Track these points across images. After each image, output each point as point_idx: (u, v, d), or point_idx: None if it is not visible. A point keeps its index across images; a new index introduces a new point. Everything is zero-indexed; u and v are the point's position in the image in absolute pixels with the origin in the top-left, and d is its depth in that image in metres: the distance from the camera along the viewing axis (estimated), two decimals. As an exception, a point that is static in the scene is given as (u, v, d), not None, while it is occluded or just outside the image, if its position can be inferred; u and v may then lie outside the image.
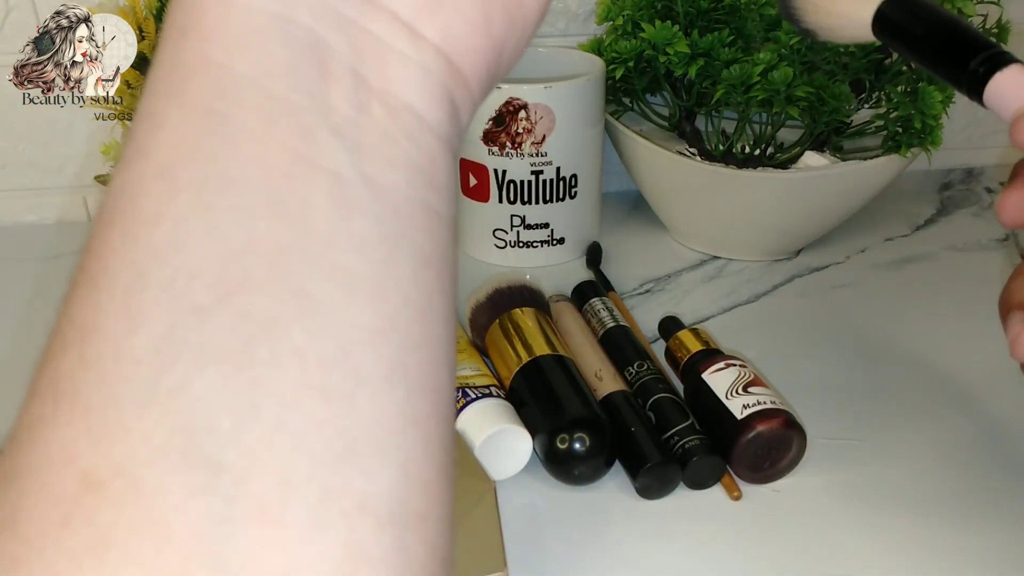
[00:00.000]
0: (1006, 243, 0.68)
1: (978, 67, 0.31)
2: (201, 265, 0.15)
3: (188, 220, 0.15)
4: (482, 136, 0.60)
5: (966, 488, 0.43)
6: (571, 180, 0.62)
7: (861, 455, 0.45)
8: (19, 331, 0.59)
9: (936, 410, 0.49)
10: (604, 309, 0.53)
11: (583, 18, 0.71)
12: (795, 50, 0.57)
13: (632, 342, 0.50)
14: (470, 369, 0.47)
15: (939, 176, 0.80)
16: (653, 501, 0.42)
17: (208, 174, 0.15)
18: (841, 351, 0.54)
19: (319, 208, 0.16)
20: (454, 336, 0.19)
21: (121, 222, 0.16)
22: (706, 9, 0.60)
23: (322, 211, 0.16)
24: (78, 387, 0.15)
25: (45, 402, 0.15)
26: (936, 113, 0.56)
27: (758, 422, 0.41)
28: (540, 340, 0.47)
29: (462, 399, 0.44)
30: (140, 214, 0.16)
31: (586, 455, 0.42)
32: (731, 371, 0.45)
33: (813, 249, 0.66)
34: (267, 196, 0.15)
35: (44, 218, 0.74)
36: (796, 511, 0.41)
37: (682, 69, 0.59)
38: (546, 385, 0.45)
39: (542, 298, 0.53)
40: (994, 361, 0.53)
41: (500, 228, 0.63)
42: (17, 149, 0.71)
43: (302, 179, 0.16)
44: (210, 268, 0.15)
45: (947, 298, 0.60)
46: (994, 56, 0.31)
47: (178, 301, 0.15)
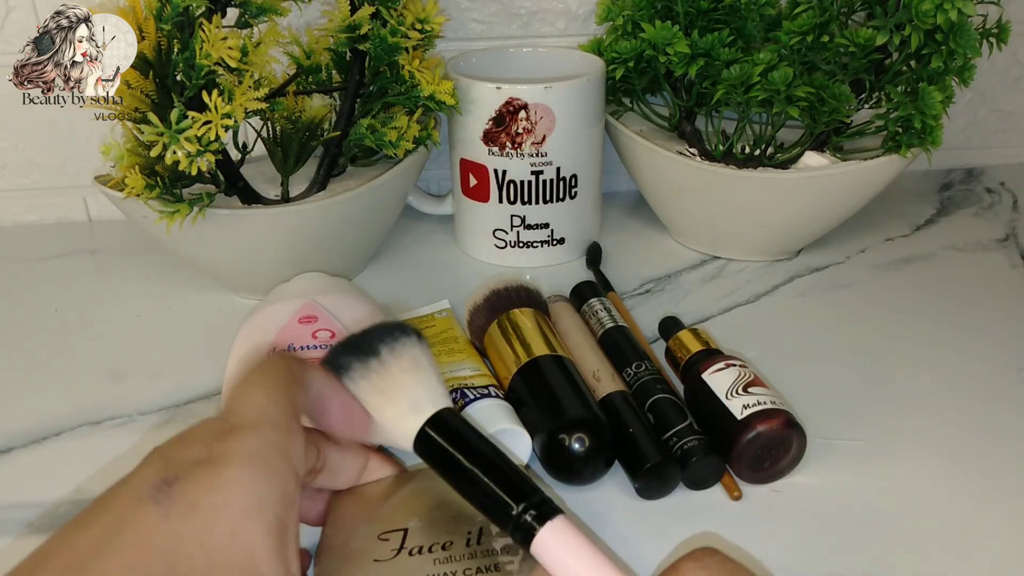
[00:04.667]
0: (1006, 243, 0.68)
1: (523, 514, 0.31)
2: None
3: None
4: (482, 136, 0.60)
5: (966, 488, 0.43)
6: (571, 180, 0.62)
7: (861, 455, 0.45)
8: (19, 331, 0.59)
9: (936, 410, 0.49)
10: (603, 310, 0.53)
11: (583, 18, 0.71)
12: (795, 50, 0.57)
13: (631, 343, 0.50)
14: (469, 369, 0.47)
15: (939, 176, 0.80)
16: (653, 501, 0.42)
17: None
18: (841, 351, 0.54)
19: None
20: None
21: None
22: (706, 9, 0.60)
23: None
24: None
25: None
26: (936, 113, 0.56)
27: (758, 422, 0.41)
28: (539, 340, 0.47)
29: (461, 400, 0.44)
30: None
31: (585, 455, 0.42)
32: (731, 371, 0.45)
33: (813, 249, 0.66)
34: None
35: (44, 218, 0.74)
36: (796, 511, 0.41)
37: (682, 69, 0.59)
38: (545, 385, 0.45)
39: (540, 298, 0.53)
40: (994, 361, 0.53)
41: (500, 228, 0.63)
42: (17, 149, 0.71)
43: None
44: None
45: (947, 298, 0.60)
46: (539, 504, 0.31)
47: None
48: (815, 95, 0.56)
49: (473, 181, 0.62)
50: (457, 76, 0.60)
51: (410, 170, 0.61)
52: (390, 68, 0.57)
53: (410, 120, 0.58)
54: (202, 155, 0.48)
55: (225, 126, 0.48)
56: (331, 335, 0.47)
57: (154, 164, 0.52)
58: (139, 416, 0.49)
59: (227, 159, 0.54)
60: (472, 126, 0.60)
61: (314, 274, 0.55)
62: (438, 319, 0.54)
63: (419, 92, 0.57)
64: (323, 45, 0.59)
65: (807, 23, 0.56)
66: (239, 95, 0.49)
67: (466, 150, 0.62)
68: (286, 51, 0.60)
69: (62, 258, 0.69)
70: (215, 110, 0.48)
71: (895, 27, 0.54)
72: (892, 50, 0.56)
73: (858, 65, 0.56)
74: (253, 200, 0.56)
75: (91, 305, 0.62)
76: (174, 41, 0.49)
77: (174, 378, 0.52)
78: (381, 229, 0.64)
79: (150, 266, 0.65)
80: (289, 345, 0.46)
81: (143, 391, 0.51)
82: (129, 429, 0.48)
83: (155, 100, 0.49)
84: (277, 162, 0.58)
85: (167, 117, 0.48)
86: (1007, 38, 0.58)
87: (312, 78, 0.60)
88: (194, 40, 0.48)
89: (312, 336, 0.47)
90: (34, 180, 0.72)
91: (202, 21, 0.49)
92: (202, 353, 0.55)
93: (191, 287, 0.62)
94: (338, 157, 0.59)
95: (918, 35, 0.54)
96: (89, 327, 0.59)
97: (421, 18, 0.56)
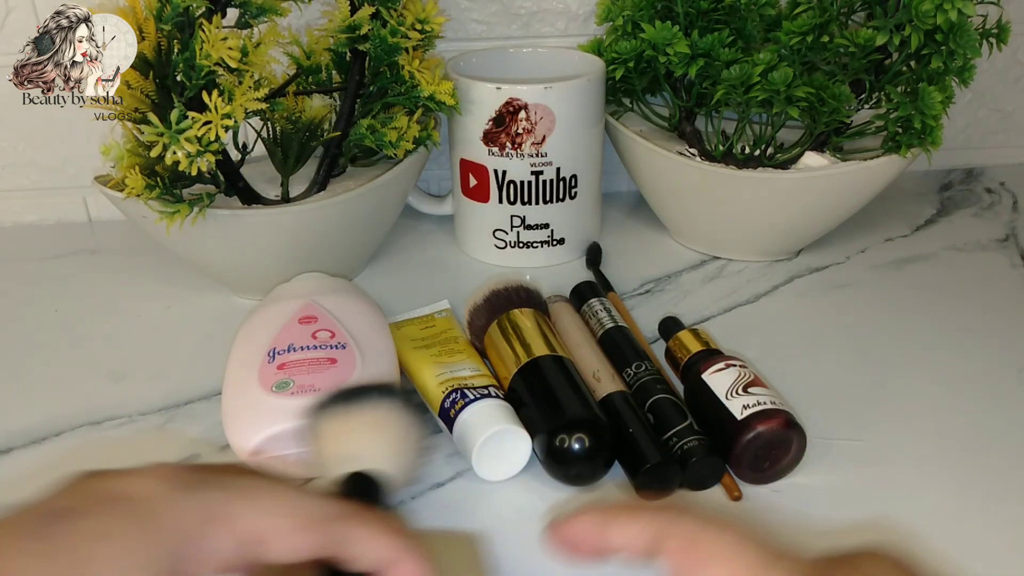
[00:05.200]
0: (1006, 243, 0.68)
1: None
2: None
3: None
4: (482, 136, 0.60)
5: (966, 488, 0.43)
6: (571, 180, 0.62)
7: (861, 455, 0.45)
8: (19, 331, 0.59)
9: (936, 410, 0.49)
10: (603, 310, 0.53)
11: (583, 18, 0.71)
12: (795, 50, 0.57)
13: (631, 343, 0.50)
14: (469, 370, 0.47)
15: (939, 176, 0.80)
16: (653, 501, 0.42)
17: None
18: (841, 351, 0.54)
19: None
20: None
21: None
22: (706, 9, 0.60)
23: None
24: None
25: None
26: (936, 113, 0.56)
27: (758, 422, 0.41)
28: (539, 341, 0.47)
29: (461, 400, 0.44)
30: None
31: (585, 455, 0.42)
32: (731, 371, 0.45)
33: (813, 249, 0.66)
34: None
35: (44, 218, 0.74)
36: (796, 511, 0.41)
37: (682, 69, 0.59)
38: (545, 385, 0.45)
39: (540, 299, 0.53)
40: (994, 361, 0.53)
41: (500, 228, 0.63)
42: (17, 149, 0.71)
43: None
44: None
45: (947, 298, 0.60)
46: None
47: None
48: (815, 95, 0.56)
49: (473, 181, 0.62)
50: (457, 76, 0.60)
51: (410, 170, 0.61)
52: (390, 68, 0.57)
53: (410, 120, 0.58)
54: (202, 155, 0.48)
55: (225, 126, 0.48)
56: (331, 335, 0.47)
57: (154, 164, 0.52)
58: (139, 416, 0.49)
59: (227, 159, 0.54)
60: (472, 126, 0.60)
61: (314, 274, 0.55)
62: (438, 319, 0.54)
63: (419, 92, 0.57)
64: (323, 45, 0.59)
65: (807, 23, 0.56)
66: (239, 95, 0.49)
67: (466, 150, 0.62)
68: (286, 51, 0.60)
69: (62, 258, 0.69)
70: (215, 110, 0.48)
71: (895, 27, 0.54)
72: (892, 50, 0.56)
73: (858, 65, 0.56)
74: (253, 200, 0.56)
75: (91, 305, 0.62)
76: (174, 41, 0.49)
77: (174, 378, 0.52)
78: (381, 229, 0.64)
79: (150, 266, 0.65)
80: (289, 345, 0.46)
81: (143, 391, 0.51)
82: (129, 429, 0.48)
83: (155, 100, 0.49)
84: (277, 162, 0.58)
85: (167, 117, 0.48)
86: (1007, 38, 0.58)
87: (312, 78, 0.60)
88: (194, 40, 0.48)
89: (312, 336, 0.47)
90: (34, 180, 0.72)
91: (202, 21, 0.49)
92: (202, 353, 0.55)
93: (191, 287, 0.62)
94: (338, 157, 0.59)
95: (918, 35, 0.54)
96: (89, 327, 0.59)
97: (421, 18, 0.56)
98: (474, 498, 0.43)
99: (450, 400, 0.45)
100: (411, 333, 0.52)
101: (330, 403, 0.36)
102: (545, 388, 0.45)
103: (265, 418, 0.43)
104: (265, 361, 0.45)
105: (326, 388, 0.40)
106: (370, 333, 0.49)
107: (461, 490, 0.43)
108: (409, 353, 0.50)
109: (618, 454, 0.43)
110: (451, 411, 0.44)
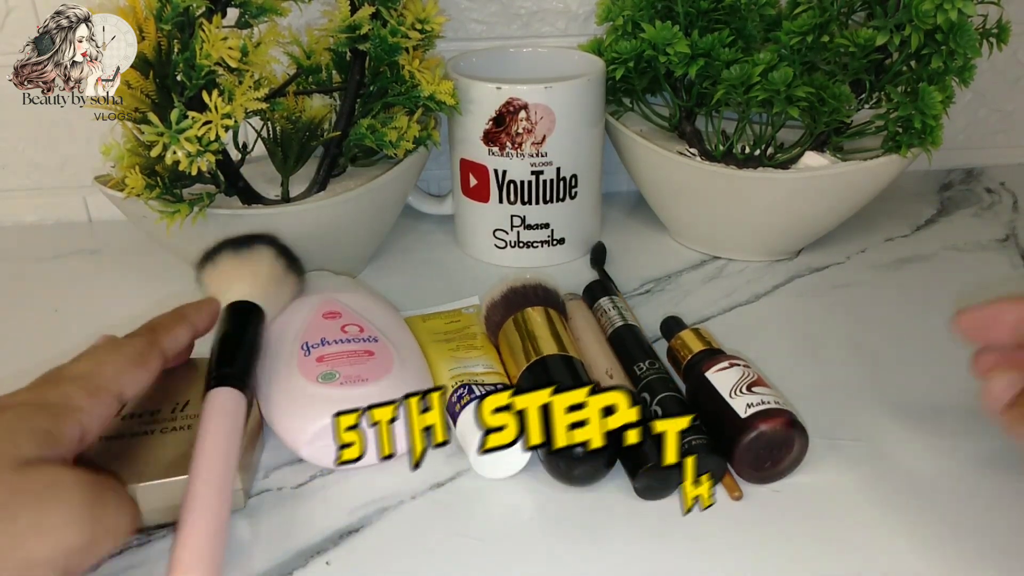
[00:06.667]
0: (1006, 243, 0.68)
1: (212, 377, 0.41)
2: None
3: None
4: (482, 136, 0.60)
5: (966, 488, 0.43)
6: (571, 180, 0.62)
7: (861, 455, 0.45)
8: (18, 331, 0.59)
9: (936, 410, 0.49)
10: (613, 308, 0.53)
11: (583, 18, 0.71)
12: (795, 50, 0.57)
13: (639, 341, 0.51)
14: (482, 366, 0.47)
15: (939, 176, 0.80)
16: (654, 501, 0.42)
17: None
18: (841, 351, 0.54)
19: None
20: None
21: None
22: (706, 9, 0.60)
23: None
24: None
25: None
26: (936, 113, 0.56)
27: (761, 421, 0.41)
28: (549, 339, 0.47)
29: (467, 396, 0.44)
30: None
31: (586, 455, 0.42)
32: (735, 371, 0.45)
33: (813, 249, 0.66)
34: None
35: (44, 218, 0.74)
36: (796, 511, 0.41)
37: (682, 69, 0.59)
38: (549, 384, 0.45)
39: (557, 297, 0.53)
40: (994, 361, 0.53)
41: (500, 228, 0.63)
42: (17, 149, 0.71)
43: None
44: None
45: (947, 298, 0.60)
46: (227, 376, 0.41)
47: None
48: (815, 95, 0.56)
49: (473, 181, 0.62)
50: (457, 76, 0.60)
51: (410, 170, 0.61)
52: (390, 68, 0.57)
53: (410, 120, 0.58)
54: (202, 155, 0.48)
55: (225, 126, 0.48)
56: (360, 330, 0.48)
57: (154, 164, 0.52)
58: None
59: (227, 159, 0.54)
60: (472, 126, 0.60)
61: (323, 272, 0.55)
62: (464, 315, 0.55)
63: (419, 92, 0.57)
64: (323, 45, 0.59)
65: (807, 23, 0.56)
66: (239, 95, 0.49)
67: (466, 150, 0.62)
68: (286, 51, 0.60)
69: (62, 258, 0.69)
70: (215, 110, 0.48)
71: (895, 27, 0.55)
72: (892, 50, 0.56)
73: (858, 65, 0.56)
74: (253, 200, 0.56)
75: (91, 305, 0.61)
76: (174, 41, 0.49)
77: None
78: (381, 229, 0.64)
79: (150, 266, 0.65)
80: (322, 339, 0.47)
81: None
82: (129, 429, 0.48)
83: (155, 100, 0.49)
84: (277, 162, 0.58)
85: (167, 117, 0.48)
86: (1007, 38, 0.58)
87: (312, 78, 0.60)
88: (194, 40, 0.48)
89: (342, 330, 0.47)
90: (34, 180, 0.72)
91: (202, 21, 0.49)
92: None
93: (191, 287, 0.62)
94: (338, 157, 0.59)
95: (918, 35, 0.54)
96: (89, 327, 0.59)
97: (421, 18, 0.56)
98: (474, 498, 0.43)
99: (456, 395, 0.45)
100: (436, 327, 0.53)
101: (217, 248, 0.49)
102: (549, 387, 0.45)
103: (320, 408, 0.43)
104: (301, 355, 0.45)
105: (372, 379, 0.44)
106: (395, 328, 0.50)
107: (461, 490, 0.43)
108: (429, 346, 0.50)
109: (619, 454, 0.43)
110: (456, 406, 0.44)
